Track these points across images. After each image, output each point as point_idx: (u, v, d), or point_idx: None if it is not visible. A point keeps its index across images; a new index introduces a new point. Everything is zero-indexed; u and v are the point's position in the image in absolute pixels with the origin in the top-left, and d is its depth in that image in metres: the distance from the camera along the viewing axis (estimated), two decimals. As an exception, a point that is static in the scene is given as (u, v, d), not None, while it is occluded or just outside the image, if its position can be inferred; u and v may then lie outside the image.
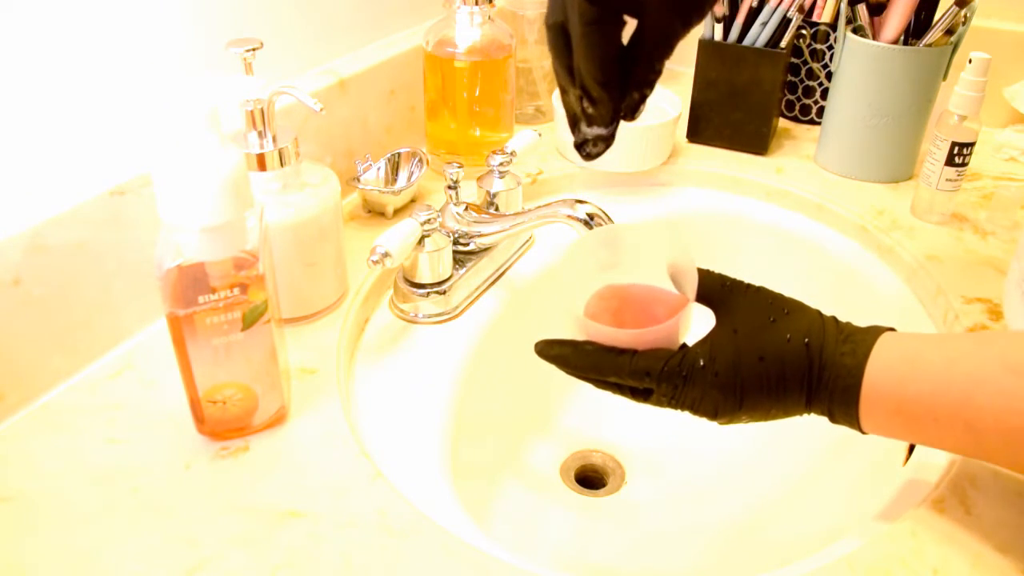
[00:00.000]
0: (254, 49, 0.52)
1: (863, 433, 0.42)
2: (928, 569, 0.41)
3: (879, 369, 0.40)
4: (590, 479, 0.69)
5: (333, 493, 0.45)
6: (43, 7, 0.47)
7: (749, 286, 0.44)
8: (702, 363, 0.41)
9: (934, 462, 0.49)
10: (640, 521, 0.64)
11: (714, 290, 0.44)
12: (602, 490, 0.67)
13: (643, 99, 0.42)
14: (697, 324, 0.44)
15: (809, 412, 0.43)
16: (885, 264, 0.71)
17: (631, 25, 0.40)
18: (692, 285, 0.43)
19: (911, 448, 0.54)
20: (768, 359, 0.41)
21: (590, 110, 0.42)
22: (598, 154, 0.44)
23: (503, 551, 0.43)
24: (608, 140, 0.43)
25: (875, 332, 0.42)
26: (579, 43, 0.39)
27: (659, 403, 0.43)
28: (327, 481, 0.46)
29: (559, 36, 0.40)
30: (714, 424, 0.43)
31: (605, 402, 0.74)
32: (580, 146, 0.44)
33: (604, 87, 0.40)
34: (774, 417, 0.43)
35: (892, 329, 0.42)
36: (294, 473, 0.46)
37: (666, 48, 0.40)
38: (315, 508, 0.44)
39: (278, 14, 0.65)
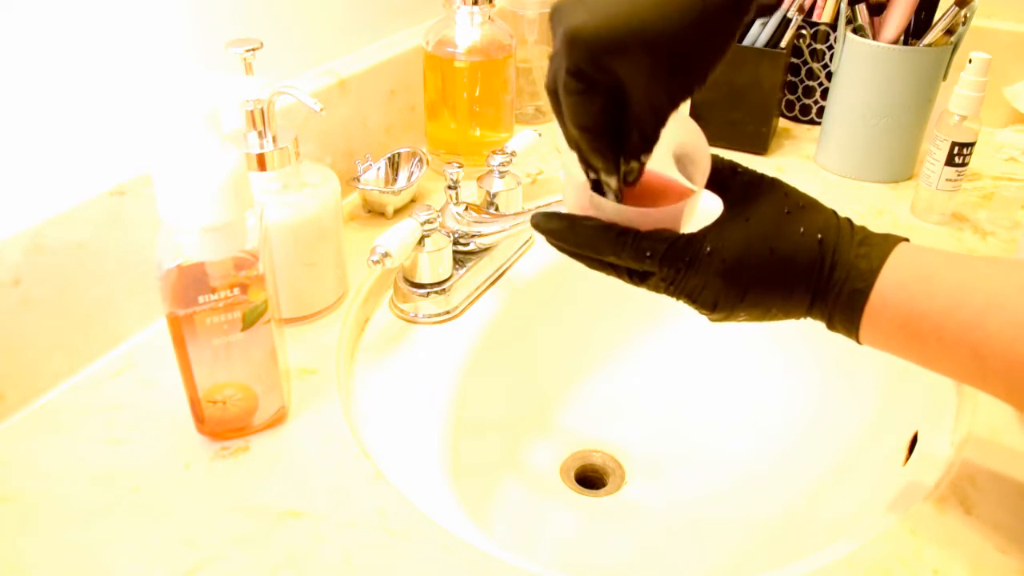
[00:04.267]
0: (254, 49, 0.52)
1: (859, 343, 0.40)
2: (928, 569, 0.41)
3: (892, 279, 0.38)
4: (590, 479, 0.68)
5: (333, 493, 0.45)
6: (43, 7, 0.47)
7: (763, 176, 0.42)
8: (708, 249, 0.39)
9: (934, 462, 0.49)
10: (640, 521, 0.64)
11: (726, 177, 0.42)
12: (602, 490, 0.67)
13: (640, 168, 0.41)
14: (705, 219, 0.41)
15: (808, 315, 0.41)
16: (885, 264, 0.71)
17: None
18: (703, 171, 0.40)
19: (911, 448, 0.54)
20: (779, 251, 0.39)
21: (591, 174, 0.41)
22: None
23: (503, 551, 0.43)
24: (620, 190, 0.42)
25: (892, 240, 0.40)
26: (566, 111, 0.39)
27: (656, 288, 0.41)
28: (327, 481, 0.46)
29: (555, 101, 0.40)
30: (706, 320, 0.41)
31: (605, 402, 0.75)
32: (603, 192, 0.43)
33: (596, 151, 0.40)
34: (772, 317, 0.41)
35: (907, 239, 0.40)
36: (294, 473, 0.46)
37: (655, 122, 0.39)
38: (315, 508, 0.44)
39: (278, 14, 0.65)
